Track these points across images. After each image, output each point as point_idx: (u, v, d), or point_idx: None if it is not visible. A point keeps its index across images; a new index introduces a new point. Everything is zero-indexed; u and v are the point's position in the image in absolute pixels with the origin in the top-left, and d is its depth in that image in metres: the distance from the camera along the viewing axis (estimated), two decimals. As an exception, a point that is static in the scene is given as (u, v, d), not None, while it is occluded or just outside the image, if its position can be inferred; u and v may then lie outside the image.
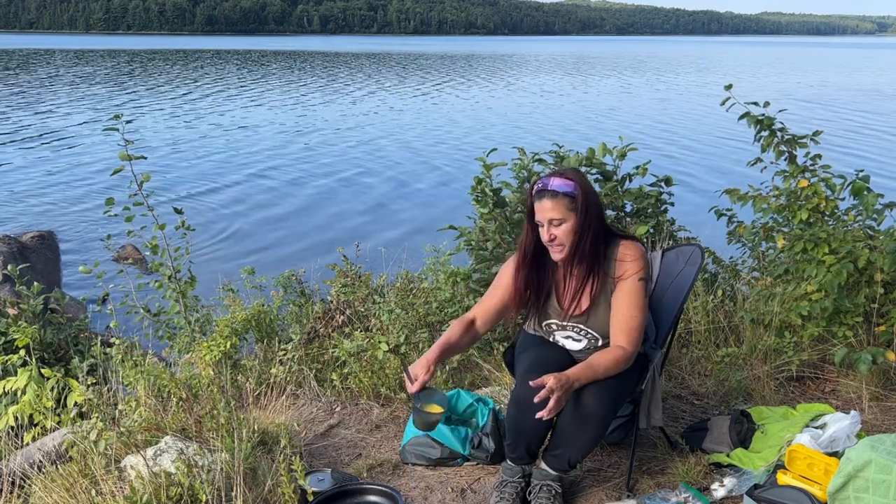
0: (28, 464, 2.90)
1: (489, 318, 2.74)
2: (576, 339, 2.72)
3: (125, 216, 4.11)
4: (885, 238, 3.68)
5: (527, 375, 2.63)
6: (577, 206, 2.51)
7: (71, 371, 3.76)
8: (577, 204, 2.51)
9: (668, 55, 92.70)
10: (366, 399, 3.65)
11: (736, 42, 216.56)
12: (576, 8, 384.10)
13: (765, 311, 3.85)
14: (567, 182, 2.51)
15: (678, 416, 3.43)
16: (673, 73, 52.44)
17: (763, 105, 4.15)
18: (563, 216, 2.51)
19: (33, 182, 15.17)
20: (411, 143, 20.17)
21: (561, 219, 2.51)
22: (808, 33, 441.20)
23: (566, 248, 2.56)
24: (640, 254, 2.61)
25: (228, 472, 2.57)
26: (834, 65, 68.36)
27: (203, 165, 16.97)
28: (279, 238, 11.45)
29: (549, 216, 2.52)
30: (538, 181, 2.56)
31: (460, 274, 4.04)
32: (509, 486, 2.72)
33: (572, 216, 2.52)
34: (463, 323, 2.71)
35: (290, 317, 4.49)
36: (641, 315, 2.59)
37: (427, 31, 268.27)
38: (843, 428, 2.88)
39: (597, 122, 24.18)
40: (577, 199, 2.51)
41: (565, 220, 2.52)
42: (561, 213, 2.51)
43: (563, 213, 2.51)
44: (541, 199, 2.53)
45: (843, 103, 29.96)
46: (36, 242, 9.14)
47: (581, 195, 2.52)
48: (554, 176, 2.54)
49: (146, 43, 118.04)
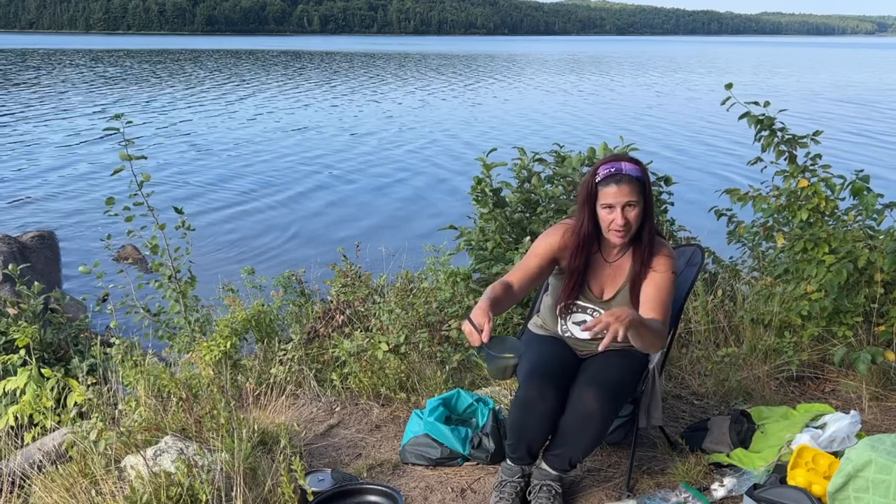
0: (28, 464, 2.90)
1: (525, 285, 2.71)
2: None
3: (125, 216, 4.11)
4: (884, 238, 3.69)
5: (531, 377, 2.63)
6: (645, 191, 2.58)
7: (71, 371, 3.76)
8: (646, 189, 2.58)
9: (668, 55, 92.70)
10: (366, 399, 3.65)
11: (736, 42, 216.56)
12: (576, 8, 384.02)
13: (765, 311, 3.85)
14: (636, 167, 2.57)
15: (678, 416, 3.43)
16: (673, 73, 52.43)
17: (763, 105, 4.15)
18: (637, 198, 2.56)
19: (33, 182, 15.17)
20: (411, 142, 20.17)
21: (635, 202, 2.55)
22: (808, 33, 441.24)
23: (631, 231, 2.60)
24: (671, 252, 2.70)
25: (228, 472, 2.57)
26: (834, 65, 68.35)
27: (203, 165, 16.97)
28: (279, 238, 11.45)
29: (626, 199, 2.54)
30: (605, 165, 2.58)
31: (460, 274, 4.04)
32: (509, 486, 2.72)
33: (642, 200, 2.57)
34: (503, 283, 2.65)
35: (290, 317, 4.49)
36: (669, 305, 2.65)
37: (427, 31, 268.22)
38: (843, 428, 2.88)
39: (597, 121, 24.17)
40: (646, 184, 2.58)
41: (638, 203, 2.56)
42: (636, 196, 2.55)
43: (637, 196, 2.55)
44: (617, 183, 2.53)
45: (843, 103, 29.96)
46: (36, 242, 9.14)
47: (646, 179, 2.59)
48: (622, 161, 2.57)
49: (146, 43, 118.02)
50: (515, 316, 3.86)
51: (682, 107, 29.04)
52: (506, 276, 2.72)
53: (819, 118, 23.67)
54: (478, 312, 2.40)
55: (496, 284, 2.63)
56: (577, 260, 2.69)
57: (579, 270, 2.71)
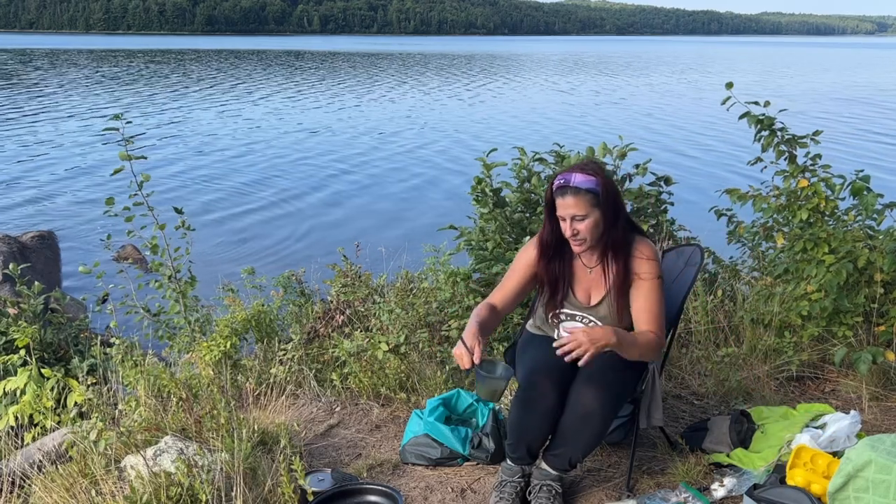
0: (28, 464, 2.90)
1: (509, 302, 2.74)
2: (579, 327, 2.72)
3: (125, 216, 4.11)
4: (884, 238, 3.68)
5: (530, 376, 2.63)
6: (599, 201, 2.51)
7: (71, 371, 3.76)
8: (600, 200, 2.51)
9: (670, 55, 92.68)
10: (366, 399, 3.65)
11: (736, 42, 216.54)
12: (576, 8, 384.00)
13: (765, 311, 3.85)
14: (589, 178, 2.50)
15: (678, 416, 3.43)
16: (677, 74, 52.42)
17: (763, 105, 4.15)
18: (586, 212, 2.51)
19: (34, 182, 15.17)
20: (411, 142, 20.16)
21: (584, 215, 2.51)
22: (808, 33, 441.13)
23: (588, 241, 2.57)
24: (654, 253, 2.64)
25: (228, 472, 2.57)
26: (838, 64, 68.34)
27: (203, 165, 16.96)
28: (279, 238, 11.45)
29: (572, 212, 2.51)
30: (559, 176, 2.54)
31: (460, 274, 4.03)
32: (509, 486, 2.72)
33: (595, 212, 2.52)
34: (486, 306, 2.69)
35: (290, 317, 4.49)
36: (662, 309, 2.63)
37: (427, 32, 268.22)
38: (843, 428, 2.88)
39: (600, 121, 24.17)
40: (600, 195, 2.50)
41: (588, 215, 2.51)
42: (584, 210, 2.50)
43: (586, 209, 2.50)
44: (563, 195, 2.51)
45: (843, 102, 29.97)
46: (36, 242, 9.13)
47: (603, 190, 2.51)
48: (575, 171, 2.51)
49: (146, 43, 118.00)
50: (516, 316, 3.86)
51: (684, 107, 29.02)
52: (489, 297, 2.75)
53: (826, 118, 23.69)
54: (468, 335, 2.45)
55: (481, 308, 2.66)
56: (543, 268, 2.68)
57: (551, 279, 2.70)
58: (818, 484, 2.56)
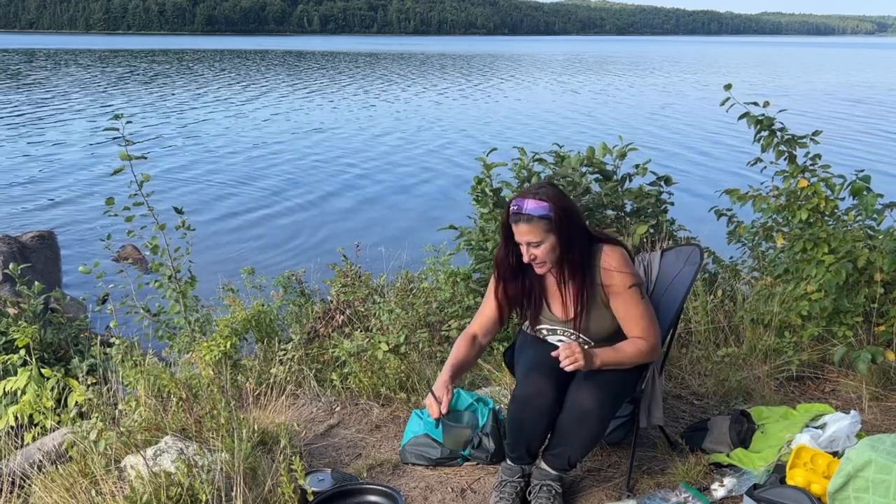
0: (28, 464, 2.90)
1: (490, 329, 2.78)
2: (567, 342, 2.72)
3: (125, 216, 4.11)
4: (884, 238, 3.68)
5: (528, 375, 2.64)
6: (553, 226, 2.49)
7: (71, 371, 3.76)
8: (553, 225, 2.49)
9: (671, 55, 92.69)
10: (366, 399, 3.65)
11: (736, 42, 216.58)
12: (576, 8, 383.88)
13: (765, 310, 3.85)
14: (541, 204, 2.48)
15: (678, 416, 3.43)
16: (673, 73, 52.43)
17: (763, 105, 4.15)
18: (541, 238, 2.50)
19: (34, 182, 15.17)
20: (411, 142, 20.16)
21: (539, 241, 2.50)
22: (808, 33, 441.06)
23: (547, 264, 2.57)
24: (623, 262, 2.59)
25: (228, 472, 2.57)
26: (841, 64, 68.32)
27: (202, 165, 16.97)
28: (279, 238, 11.46)
29: (527, 239, 2.51)
30: (513, 202, 2.53)
31: (460, 274, 4.04)
32: (509, 486, 2.72)
33: (550, 236, 2.50)
34: (466, 339, 2.74)
35: (290, 317, 4.49)
36: (646, 312, 2.62)
37: (427, 32, 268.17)
38: (843, 428, 2.88)
39: (596, 121, 24.17)
40: (553, 220, 2.48)
41: (543, 241, 2.51)
42: (538, 236, 2.50)
43: (541, 235, 2.49)
44: (517, 222, 2.51)
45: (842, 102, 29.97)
46: (36, 242, 9.14)
47: (556, 215, 2.48)
48: (527, 197, 2.50)
49: (147, 43, 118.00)
50: (515, 316, 3.86)
51: (683, 106, 29.01)
52: (469, 326, 2.79)
53: (831, 118, 23.71)
54: (438, 386, 2.56)
55: (461, 343, 2.71)
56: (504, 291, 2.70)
57: (518, 300, 2.71)
58: (818, 484, 2.56)
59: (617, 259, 2.59)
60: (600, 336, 2.68)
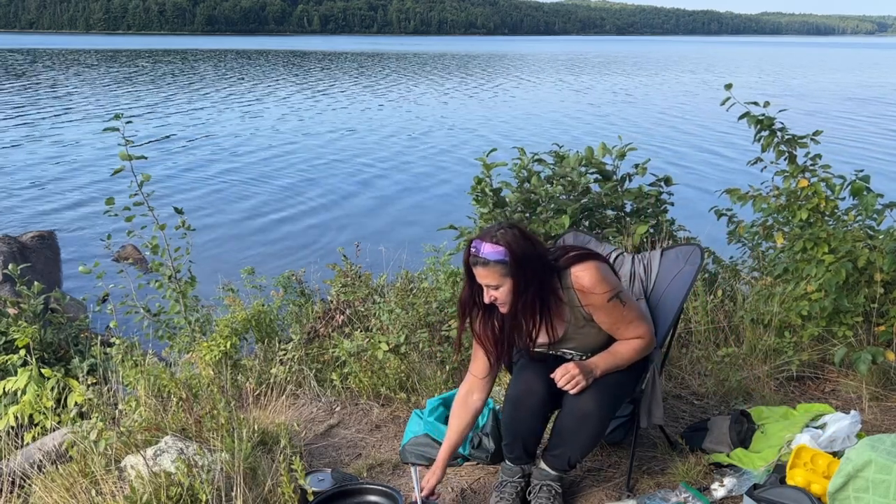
0: (28, 464, 2.90)
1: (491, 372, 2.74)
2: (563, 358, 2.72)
3: (125, 216, 4.11)
4: (884, 238, 3.68)
5: (520, 374, 2.65)
6: (509, 270, 2.46)
7: (71, 371, 3.76)
8: (510, 269, 2.46)
9: (672, 55, 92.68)
10: (366, 399, 3.65)
11: (736, 42, 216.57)
12: (576, 8, 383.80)
13: (765, 310, 3.85)
14: (496, 249, 2.44)
15: (678, 416, 3.43)
16: (673, 73, 52.42)
17: (763, 105, 4.15)
18: (498, 282, 2.48)
19: (34, 182, 15.17)
20: (411, 142, 20.16)
21: (497, 284, 2.49)
22: (808, 33, 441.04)
23: (509, 304, 2.54)
24: (596, 279, 2.54)
25: (228, 472, 2.57)
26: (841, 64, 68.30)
27: (202, 165, 16.96)
28: (279, 238, 11.46)
29: (486, 282, 2.51)
30: (472, 242, 2.51)
31: (460, 274, 4.03)
32: (509, 486, 2.73)
33: (507, 280, 2.48)
34: (461, 403, 2.75)
35: (290, 317, 4.49)
36: (631, 313, 2.60)
37: (427, 31, 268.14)
38: (843, 428, 2.88)
39: (596, 121, 24.16)
40: (509, 263, 2.45)
41: (501, 284, 2.49)
42: (496, 280, 2.48)
43: (498, 279, 2.48)
44: (475, 265, 2.50)
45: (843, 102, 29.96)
46: (36, 242, 9.15)
47: (512, 258, 2.45)
48: (484, 240, 2.47)
49: (147, 43, 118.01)
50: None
51: (683, 106, 29.01)
52: (469, 369, 2.77)
53: (834, 118, 23.67)
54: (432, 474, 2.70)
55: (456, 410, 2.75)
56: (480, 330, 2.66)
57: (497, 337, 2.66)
58: (818, 484, 2.56)
59: (589, 278, 2.54)
60: (595, 348, 2.67)
